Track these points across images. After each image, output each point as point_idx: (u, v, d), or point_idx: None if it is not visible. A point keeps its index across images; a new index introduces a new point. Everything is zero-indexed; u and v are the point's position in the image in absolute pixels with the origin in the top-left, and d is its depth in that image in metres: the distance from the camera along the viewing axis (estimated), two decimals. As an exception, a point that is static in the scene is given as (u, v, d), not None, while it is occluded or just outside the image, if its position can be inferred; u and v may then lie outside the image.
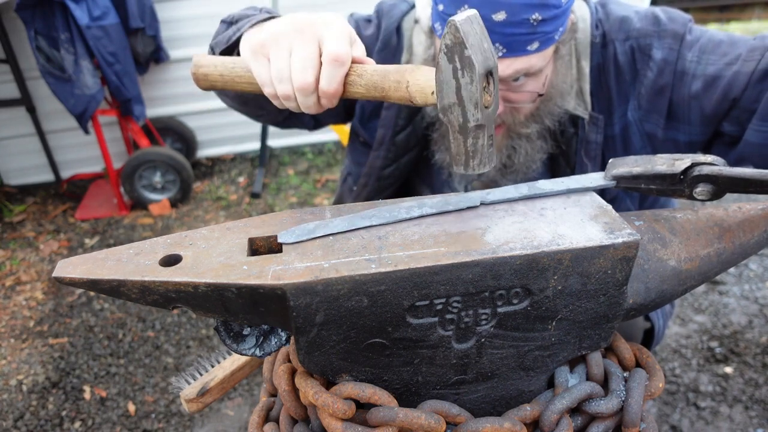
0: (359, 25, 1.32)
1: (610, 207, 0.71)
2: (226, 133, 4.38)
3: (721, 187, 0.69)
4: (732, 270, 2.94)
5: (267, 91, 0.83)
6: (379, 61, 1.25)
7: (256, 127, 4.16)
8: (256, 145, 4.30)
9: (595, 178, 0.76)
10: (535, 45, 1.02)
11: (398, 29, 1.27)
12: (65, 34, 3.12)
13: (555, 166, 1.27)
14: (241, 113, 1.26)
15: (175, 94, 4.11)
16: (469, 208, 0.71)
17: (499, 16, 0.97)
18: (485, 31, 0.72)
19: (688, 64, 1.11)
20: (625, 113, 1.20)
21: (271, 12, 1.02)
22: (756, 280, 2.87)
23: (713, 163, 0.70)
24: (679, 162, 0.71)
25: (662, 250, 0.75)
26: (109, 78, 3.35)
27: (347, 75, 0.79)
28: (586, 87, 1.18)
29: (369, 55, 1.13)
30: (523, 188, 0.73)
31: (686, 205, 0.86)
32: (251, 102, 1.13)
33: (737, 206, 0.84)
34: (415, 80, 0.76)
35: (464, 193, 0.73)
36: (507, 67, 1.03)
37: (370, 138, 1.34)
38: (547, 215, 0.69)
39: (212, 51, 1.04)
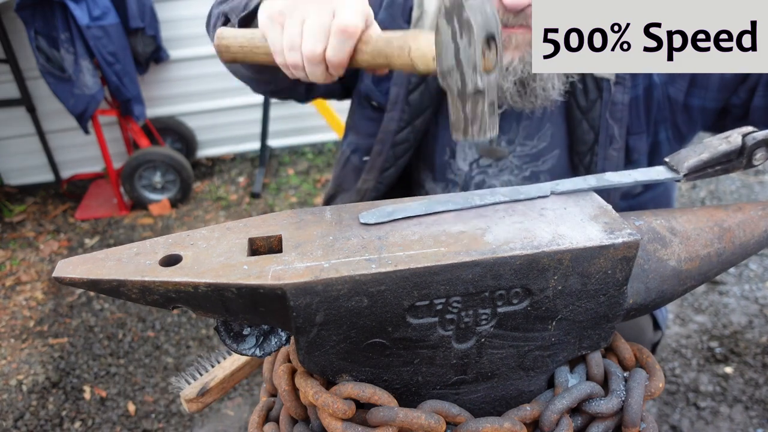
0: None
1: (610, 207, 0.71)
2: (226, 133, 4.38)
3: None
4: (732, 270, 2.94)
5: (278, 60, 0.84)
6: (385, 18, 1.23)
7: (256, 127, 4.16)
8: (256, 145, 4.30)
9: (660, 171, 0.77)
10: None
11: None
12: (65, 34, 3.11)
13: (574, 127, 1.24)
14: (251, 84, 1.25)
15: (175, 94, 4.11)
16: (540, 197, 0.73)
17: None
18: None
19: None
20: (650, 74, 1.19)
21: None
22: (756, 280, 2.86)
23: (756, 130, 0.76)
24: (732, 138, 0.76)
25: (662, 250, 0.75)
26: (109, 78, 3.35)
27: None
28: None
29: (375, 13, 1.11)
30: (592, 180, 0.76)
31: (685, 204, 0.86)
32: (266, 70, 1.10)
33: (737, 206, 0.84)
34: (417, 45, 0.74)
35: (535, 184, 0.75)
36: None
37: (384, 100, 1.29)
38: (547, 215, 0.69)
39: (226, 17, 1.03)
